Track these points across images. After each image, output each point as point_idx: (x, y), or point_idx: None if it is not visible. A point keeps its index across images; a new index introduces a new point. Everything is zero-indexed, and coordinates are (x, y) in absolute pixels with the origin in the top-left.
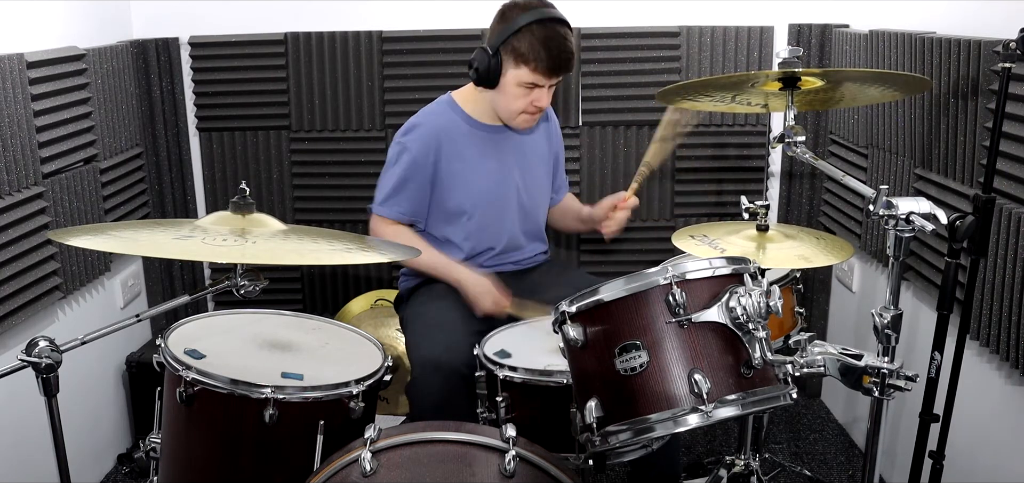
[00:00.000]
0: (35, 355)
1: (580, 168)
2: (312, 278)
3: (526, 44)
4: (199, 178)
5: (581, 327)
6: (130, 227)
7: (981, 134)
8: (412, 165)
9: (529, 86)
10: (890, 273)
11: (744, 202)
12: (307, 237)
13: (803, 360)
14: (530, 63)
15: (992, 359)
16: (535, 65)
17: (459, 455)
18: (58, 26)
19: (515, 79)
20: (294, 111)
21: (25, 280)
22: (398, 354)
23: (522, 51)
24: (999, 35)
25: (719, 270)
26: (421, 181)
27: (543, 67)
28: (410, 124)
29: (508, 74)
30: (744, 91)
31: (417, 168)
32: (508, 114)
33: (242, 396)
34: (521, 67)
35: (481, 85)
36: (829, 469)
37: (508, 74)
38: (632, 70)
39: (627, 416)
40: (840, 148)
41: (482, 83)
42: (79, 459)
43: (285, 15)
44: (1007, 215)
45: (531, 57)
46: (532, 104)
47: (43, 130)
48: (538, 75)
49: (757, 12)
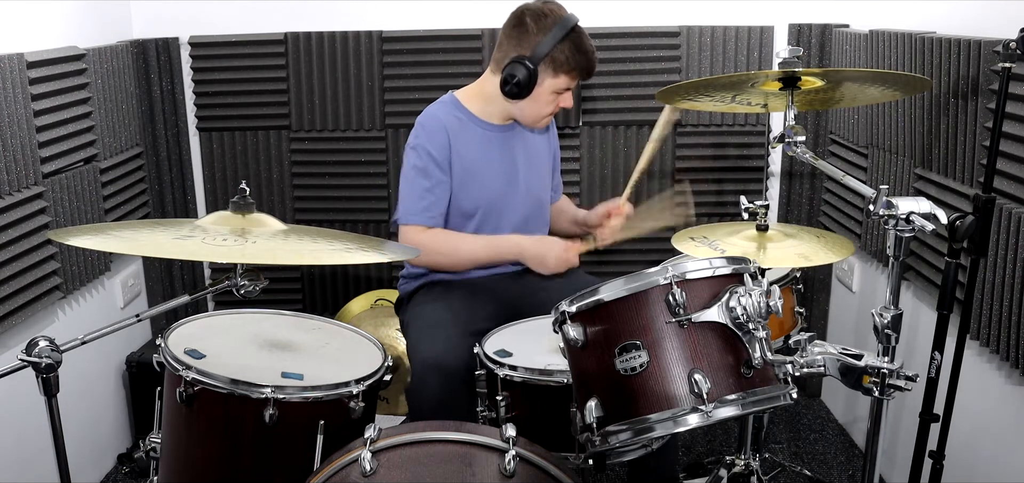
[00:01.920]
0: (35, 355)
1: (579, 168)
2: (312, 278)
3: (565, 54)
4: (199, 178)
5: (581, 327)
6: (130, 227)
7: (981, 134)
8: (431, 160)
9: (562, 92)
10: (890, 273)
11: (744, 202)
12: (307, 237)
13: (803, 360)
14: (569, 71)
15: (992, 359)
16: (574, 73)
17: (459, 455)
18: (58, 26)
19: (551, 88)
20: (294, 111)
21: (25, 280)
22: (398, 354)
23: (561, 60)
24: (999, 35)
25: (719, 270)
26: (442, 172)
27: (580, 73)
28: (418, 125)
29: (545, 84)
30: (744, 91)
31: (435, 162)
32: (534, 118)
33: (242, 396)
34: (560, 76)
35: (514, 97)
36: (829, 469)
37: (545, 84)
38: (632, 70)
39: (627, 416)
40: (840, 148)
41: (517, 95)
42: (79, 459)
43: (285, 15)
44: (1007, 215)
45: (571, 65)
46: (559, 106)
47: (43, 130)
48: (572, 80)
49: (757, 12)
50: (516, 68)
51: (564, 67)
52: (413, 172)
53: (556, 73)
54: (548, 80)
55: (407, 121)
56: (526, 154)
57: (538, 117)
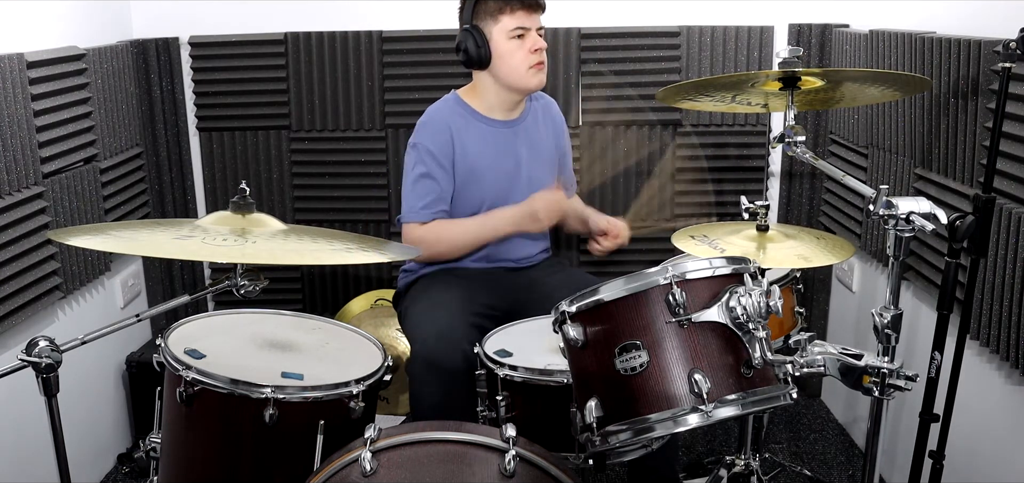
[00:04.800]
0: (35, 355)
1: (580, 168)
2: (312, 278)
3: None
4: (199, 178)
5: (581, 327)
6: (130, 227)
7: (981, 134)
8: (431, 158)
9: (517, 33)
10: (890, 273)
11: (744, 202)
12: (307, 237)
13: (803, 360)
14: (506, 9)
15: (992, 359)
16: (512, 7)
17: (459, 455)
18: (58, 26)
19: (503, 34)
20: (294, 111)
21: (25, 280)
22: (398, 354)
23: (494, 5)
24: (999, 35)
25: (719, 270)
26: (444, 170)
27: (520, 4)
28: (420, 124)
29: (494, 35)
30: (744, 91)
31: (437, 160)
32: (516, 75)
33: (242, 396)
34: (501, 19)
35: (476, 66)
36: (829, 469)
37: (494, 35)
38: (632, 70)
39: (627, 416)
40: (840, 148)
41: (476, 63)
42: (79, 459)
43: (285, 15)
44: (1007, 215)
45: (505, 3)
46: (530, 51)
47: (43, 130)
48: (519, 15)
49: (757, 12)
50: (463, 39)
51: (500, 10)
52: (412, 171)
53: (497, 18)
54: (494, 30)
55: (407, 121)
56: (530, 150)
57: (517, 71)
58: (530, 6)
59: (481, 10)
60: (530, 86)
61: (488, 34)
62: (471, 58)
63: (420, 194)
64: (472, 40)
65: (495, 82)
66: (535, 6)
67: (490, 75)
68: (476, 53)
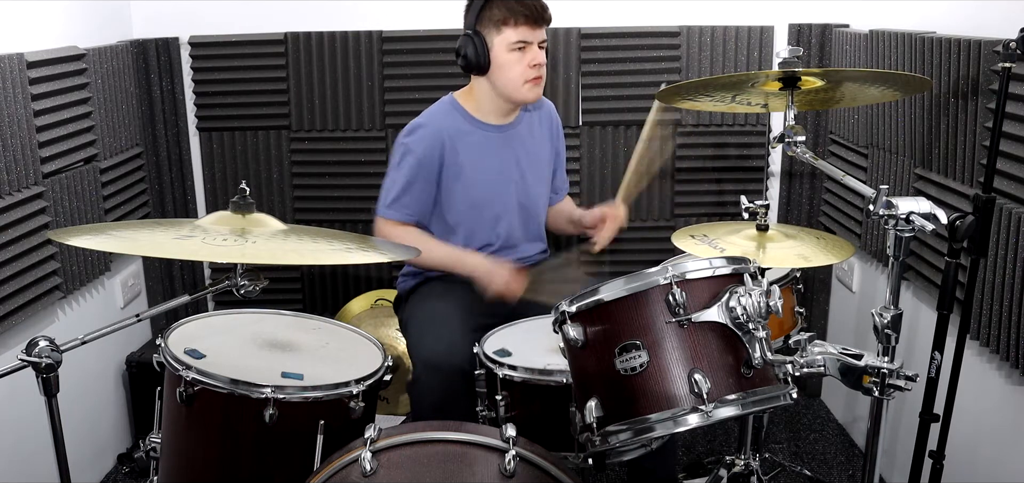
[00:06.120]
0: (35, 355)
1: (580, 168)
2: (312, 278)
3: (499, 6)
4: (199, 178)
5: (581, 327)
6: (130, 227)
7: (981, 134)
8: (417, 166)
9: (519, 46)
10: (890, 273)
11: (744, 202)
12: (307, 237)
13: (803, 360)
14: (510, 21)
15: (992, 359)
16: (516, 20)
17: (459, 455)
18: (58, 26)
19: (504, 45)
20: (294, 111)
21: (25, 280)
22: (398, 354)
23: (499, 15)
24: (999, 35)
25: (719, 270)
26: (427, 181)
27: (524, 19)
28: (413, 125)
29: (495, 45)
30: (744, 91)
31: (422, 168)
32: (512, 87)
33: (242, 396)
34: (504, 30)
35: (474, 72)
36: (829, 469)
37: (495, 45)
38: (632, 70)
39: (627, 416)
40: (840, 148)
41: (475, 69)
42: (79, 459)
43: (285, 15)
44: (1007, 215)
45: (509, 14)
46: (529, 65)
47: (43, 130)
48: (522, 29)
49: (757, 12)
50: (464, 44)
51: (504, 19)
52: (396, 167)
53: (500, 29)
54: (496, 39)
55: (407, 121)
56: (526, 155)
57: (514, 83)
58: (534, 20)
59: (485, 17)
60: (526, 99)
61: (490, 42)
62: (470, 64)
63: (398, 193)
64: (472, 46)
65: (491, 89)
66: (539, 20)
67: (487, 82)
68: (475, 60)
